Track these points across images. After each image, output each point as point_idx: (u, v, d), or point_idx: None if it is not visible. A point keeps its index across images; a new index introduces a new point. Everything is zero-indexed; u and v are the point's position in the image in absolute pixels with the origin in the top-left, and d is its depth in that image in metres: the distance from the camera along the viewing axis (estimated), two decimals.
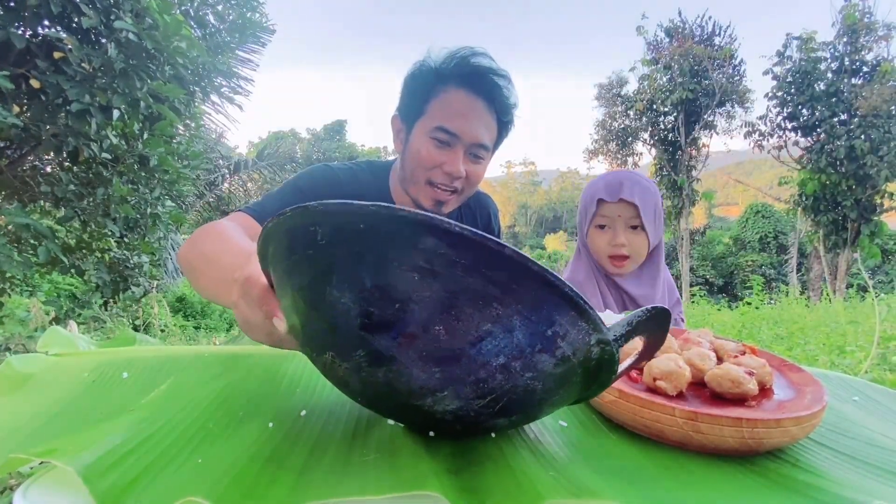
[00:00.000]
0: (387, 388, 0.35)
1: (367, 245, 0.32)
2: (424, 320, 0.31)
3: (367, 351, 0.33)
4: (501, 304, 0.31)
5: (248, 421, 0.46)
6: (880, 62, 9.56)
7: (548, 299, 0.32)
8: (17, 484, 1.68)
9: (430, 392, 0.34)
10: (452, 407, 0.35)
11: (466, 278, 0.31)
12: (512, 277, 0.31)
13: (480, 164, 1.02)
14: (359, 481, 0.36)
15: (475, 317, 0.31)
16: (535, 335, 0.32)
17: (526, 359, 0.33)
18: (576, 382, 0.37)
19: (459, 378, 0.33)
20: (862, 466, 0.42)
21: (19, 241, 2.61)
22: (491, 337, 0.32)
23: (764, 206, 16.65)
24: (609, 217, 1.11)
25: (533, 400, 0.36)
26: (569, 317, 0.33)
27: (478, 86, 0.95)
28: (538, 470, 0.38)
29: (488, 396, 0.34)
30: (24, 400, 0.51)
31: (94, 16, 2.20)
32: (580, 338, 0.34)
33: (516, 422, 0.40)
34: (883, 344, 2.58)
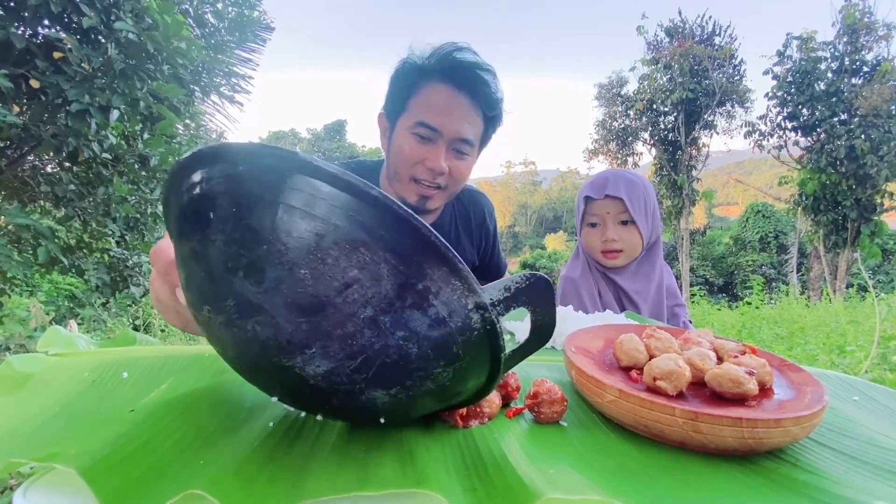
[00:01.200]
0: (257, 346, 0.33)
1: (244, 186, 0.31)
2: (290, 263, 0.30)
3: (236, 300, 0.32)
4: (369, 249, 0.30)
5: (249, 421, 0.46)
6: (880, 62, 9.56)
7: (417, 249, 0.31)
8: (17, 484, 1.68)
9: (298, 349, 0.32)
10: (323, 369, 0.32)
11: (333, 220, 0.30)
12: (380, 223, 0.30)
13: (464, 159, 1.00)
14: (357, 478, 0.36)
15: (341, 261, 0.30)
16: (404, 287, 0.31)
17: (396, 313, 0.31)
18: (460, 357, 0.35)
19: (326, 331, 0.31)
20: (862, 466, 0.42)
21: (19, 241, 2.61)
22: (358, 285, 0.30)
23: (764, 205, 16.65)
24: (598, 214, 1.13)
25: (409, 368, 0.33)
26: (440, 271, 0.32)
27: (460, 80, 0.94)
28: (538, 469, 0.38)
29: (359, 357, 0.32)
30: (25, 400, 0.51)
31: (94, 16, 2.20)
32: (455, 298, 0.32)
33: (399, 399, 0.36)
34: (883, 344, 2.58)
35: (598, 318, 0.84)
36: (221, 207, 0.32)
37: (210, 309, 0.34)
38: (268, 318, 0.31)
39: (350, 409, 0.37)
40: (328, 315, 0.31)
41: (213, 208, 0.32)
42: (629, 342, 0.56)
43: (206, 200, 0.33)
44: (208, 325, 0.35)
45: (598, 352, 0.61)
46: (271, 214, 0.30)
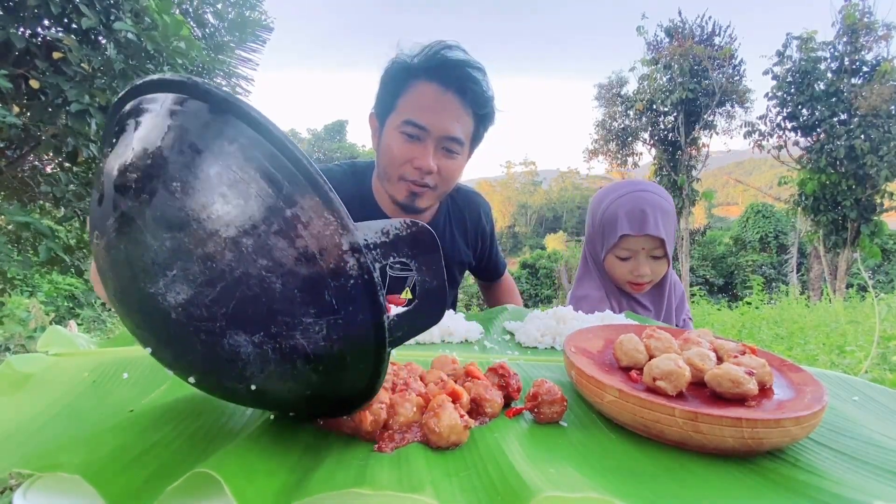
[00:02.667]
0: (128, 271, 0.32)
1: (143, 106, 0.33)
2: (164, 177, 0.30)
3: (116, 216, 0.32)
4: (241, 169, 0.30)
5: (250, 423, 0.46)
6: (880, 62, 9.55)
7: (289, 174, 0.30)
8: (17, 484, 1.68)
9: (161, 269, 0.30)
10: (183, 297, 0.31)
11: (207, 136, 0.30)
12: (254, 143, 0.30)
13: (454, 158, 0.99)
14: (356, 476, 0.36)
15: (210, 177, 0.30)
16: (272, 210, 0.30)
17: (259, 238, 0.30)
18: (334, 309, 0.32)
19: (188, 250, 0.30)
20: (862, 466, 0.42)
21: (19, 240, 2.61)
22: (224, 201, 0.30)
23: (764, 205, 16.65)
24: (632, 249, 1.03)
25: (273, 308, 0.31)
26: (312, 201, 0.30)
27: (448, 78, 0.93)
28: (538, 469, 0.38)
29: (218, 283, 0.30)
30: (25, 400, 0.51)
31: (94, 16, 2.20)
32: (327, 234, 0.31)
33: (268, 357, 0.33)
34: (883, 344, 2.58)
35: (597, 318, 0.84)
36: (129, 128, 0.33)
37: (98, 234, 0.34)
38: (138, 233, 0.31)
39: (216, 363, 0.33)
40: (191, 232, 0.30)
41: (123, 129, 0.33)
42: (629, 342, 0.56)
43: (121, 119, 0.34)
44: (96, 256, 0.35)
45: (598, 352, 0.61)
46: (156, 130, 0.31)
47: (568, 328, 0.78)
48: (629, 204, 1.02)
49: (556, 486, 0.34)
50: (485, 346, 0.77)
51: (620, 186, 1.09)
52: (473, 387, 0.51)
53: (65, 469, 0.35)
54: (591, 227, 1.12)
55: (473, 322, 0.83)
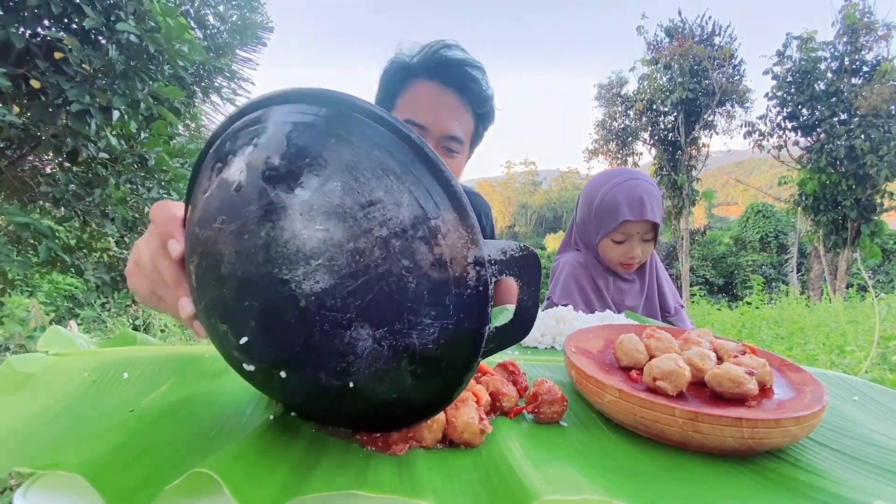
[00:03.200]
0: (262, 255, 0.33)
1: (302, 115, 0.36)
2: (326, 175, 0.33)
3: (261, 204, 0.34)
4: (398, 179, 0.34)
5: (251, 424, 0.46)
6: (880, 62, 9.55)
7: (437, 190, 0.35)
8: (17, 484, 1.68)
9: (305, 259, 0.33)
10: (321, 286, 0.33)
11: (374, 151, 0.34)
12: (415, 162, 0.35)
13: (455, 157, 0.99)
14: (356, 477, 0.36)
15: (371, 182, 0.33)
16: (419, 220, 0.34)
17: (406, 240, 0.33)
18: (449, 314, 0.35)
19: (339, 243, 0.32)
20: (862, 466, 0.42)
21: (19, 240, 2.61)
22: (381, 205, 0.33)
23: (764, 205, 16.64)
24: (627, 233, 1.11)
25: (402, 307, 0.33)
26: (452, 216, 0.35)
27: (447, 77, 0.93)
28: (537, 470, 0.38)
29: (361, 277, 0.32)
30: (25, 400, 0.51)
31: (95, 17, 2.20)
32: (459, 246, 0.35)
33: (379, 354, 0.35)
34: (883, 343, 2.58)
35: (597, 318, 0.84)
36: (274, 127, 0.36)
37: (225, 219, 0.35)
38: (288, 223, 0.33)
39: (326, 356, 0.34)
40: (347, 226, 0.33)
41: (265, 129, 0.36)
42: (629, 342, 0.56)
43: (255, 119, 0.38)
44: (208, 241, 0.36)
45: (598, 352, 0.61)
46: (321, 136, 0.35)
47: (568, 328, 0.78)
48: (628, 192, 1.09)
49: (555, 489, 0.34)
50: None
51: (614, 175, 1.15)
52: (490, 381, 0.51)
53: (65, 469, 0.35)
54: (587, 214, 1.17)
55: None
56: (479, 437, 0.43)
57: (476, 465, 0.40)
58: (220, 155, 0.38)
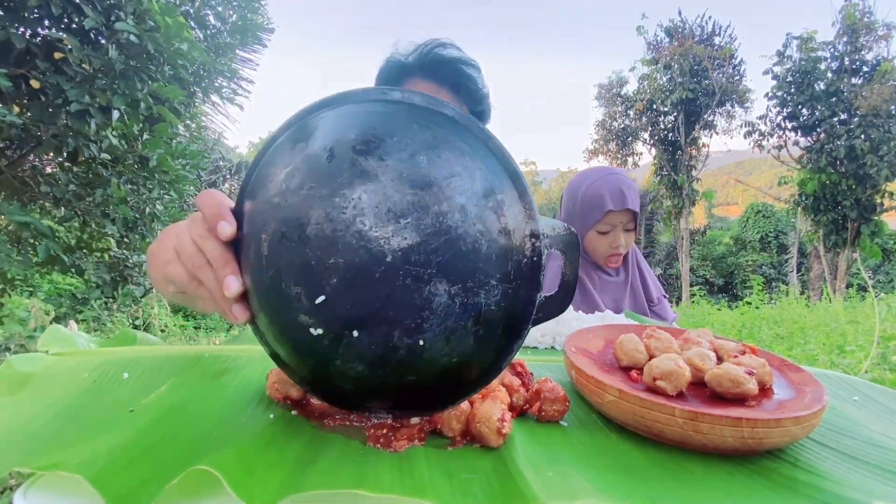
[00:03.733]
0: (351, 216, 0.37)
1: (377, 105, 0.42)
2: (412, 151, 0.39)
3: (353, 171, 0.38)
4: (472, 158, 0.40)
5: (251, 424, 0.46)
6: (880, 62, 9.55)
7: (503, 170, 0.41)
8: (17, 484, 1.68)
9: (395, 218, 0.37)
10: (408, 242, 0.37)
11: (450, 134, 0.41)
12: (483, 148, 0.41)
13: None
14: (355, 476, 0.36)
15: (451, 159, 0.39)
16: (488, 192, 0.39)
17: (479, 208, 0.39)
18: (510, 279, 0.40)
19: (425, 206, 0.37)
20: (862, 466, 0.42)
21: (19, 240, 2.61)
22: (458, 177, 0.39)
23: (764, 205, 16.64)
24: (611, 223, 1.18)
25: (476, 266, 0.38)
26: (514, 192, 0.41)
27: (442, 76, 0.93)
28: (537, 472, 0.38)
29: (443, 236, 0.37)
30: (25, 400, 0.51)
31: (95, 17, 2.20)
32: (520, 218, 0.40)
33: (452, 310, 0.38)
34: (883, 343, 2.58)
35: (597, 318, 0.84)
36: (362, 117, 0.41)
37: (313, 185, 0.39)
38: (380, 187, 0.37)
39: (405, 310, 0.38)
40: (432, 192, 0.38)
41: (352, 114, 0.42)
42: (629, 342, 0.56)
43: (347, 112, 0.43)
44: (293, 207, 0.39)
45: (598, 352, 0.61)
46: (403, 123, 0.40)
47: (568, 328, 0.78)
48: (609, 185, 1.18)
49: (553, 493, 0.34)
50: None
51: (594, 172, 1.24)
52: (505, 375, 0.52)
53: (65, 469, 0.35)
54: (571, 208, 1.25)
55: None
56: (496, 437, 0.42)
57: (476, 465, 0.40)
58: (300, 136, 0.42)
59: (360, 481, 0.35)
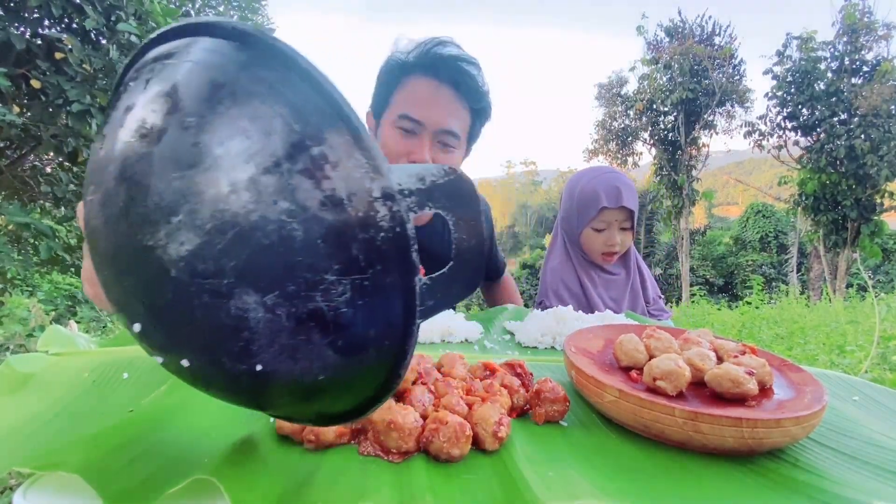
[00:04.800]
0: (124, 224, 0.28)
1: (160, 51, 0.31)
2: (179, 113, 0.27)
3: (120, 160, 0.29)
4: (264, 101, 0.27)
5: (250, 424, 0.46)
6: (880, 62, 9.55)
7: (318, 109, 0.28)
8: (17, 484, 1.68)
9: (164, 215, 0.27)
10: (187, 248, 0.27)
11: (229, 71, 0.28)
12: (286, 79, 0.28)
13: (451, 153, 0.99)
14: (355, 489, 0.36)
15: (232, 110, 0.27)
16: (297, 147, 0.27)
17: (282, 177, 0.27)
18: (360, 266, 0.28)
19: (198, 190, 0.27)
20: (862, 466, 0.42)
21: (19, 240, 2.61)
22: (243, 136, 0.27)
23: (764, 205, 16.64)
24: (607, 221, 1.19)
25: (293, 261, 0.27)
26: (342, 139, 0.28)
27: (442, 73, 0.94)
28: (537, 471, 0.38)
29: (230, 230, 0.26)
30: (25, 400, 0.51)
31: (96, 17, 2.20)
32: (357, 177, 0.28)
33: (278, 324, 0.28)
34: (883, 343, 2.58)
35: (597, 318, 0.84)
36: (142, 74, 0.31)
37: (94, 187, 0.30)
38: (143, 174, 0.28)
39: (217, 334, 0.28)
40: (204, 169, 0.27)
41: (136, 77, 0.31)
42: (629, 342, 0.56)
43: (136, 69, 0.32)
44: (90, 219, 0.31)
45: (598, 352, 0.61)
46: (174, 70, 0.29)
47: (568, 328, 0.78)
48: (605, 183, 1.18)
49: (553, 494, 0.34)
50: (485, 346, 0.77)
51: (591, 171, 1.25)
52: (505, 377, 0.52)
53: (65, 469, 0.35)
54: (569, 206, 1.26)
55: (473, 322, 0.83)
56: (492, 441, 0.42)
57: (477, 465, 0.40)
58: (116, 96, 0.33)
59: (359, 495, 0.35)
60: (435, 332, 0.77)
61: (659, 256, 15.20)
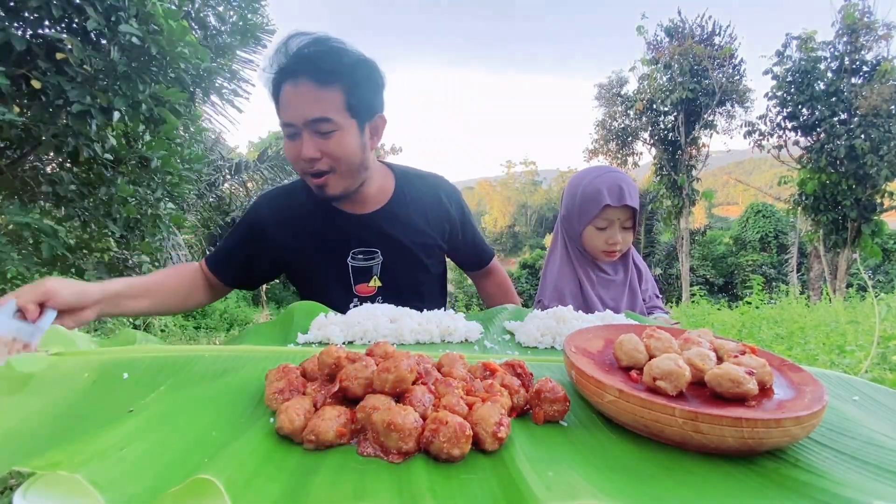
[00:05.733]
0: None
1: None
2: None
3: None
4: None
5: (250, 424, 0.46)
6: (880, 61, 9.55)
7: None
8: (16, 484, 1.68)
9: None
10: None
11: None
12: None
13: (332, 136, 1.01)
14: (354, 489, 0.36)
15: None
16: None
17: None
18: None
19: None
20: (862, 466, 0.42)
21: (19, 240, 2.61)
22: None
23: (764, 205, 16.64)
24: (609, 219, 1.19)
25: None
26: None
27: (296, 70, 0.99)
28: (537, 472, 0.38)
29: None
30: (25, 400, 0.51)
31: (97, 18, 2.20)
32: None
33: None
34: (883, 343, 2.58)
35: (598, 318, 0.84)
36: None
37: None
38: None
39: None
40: None
41: None
42: (629, 342, 0.56)
43: None
44: None
45: (598, 352, 0.61)
46: None
47: (568, 328, 0.78)
48: (608, 181, 1.18)
49: (553, 493, 0.34)
50: (485, 346, 0.77)
51: (594, 170, 1.25)
52: (505, 377, 0.52)
53: (65, 469, 0.35)
54: (570, 205, 1.26)
55: (473, 322, 0.83)
56: (492, 441, 0.42)
57: (477, 465, 0.40)
58: None
59: (361, 490, 0.35)
60: (435, 333, 0.77)
61: (659, 256, 15.19)
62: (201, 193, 8.91)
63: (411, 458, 0.41)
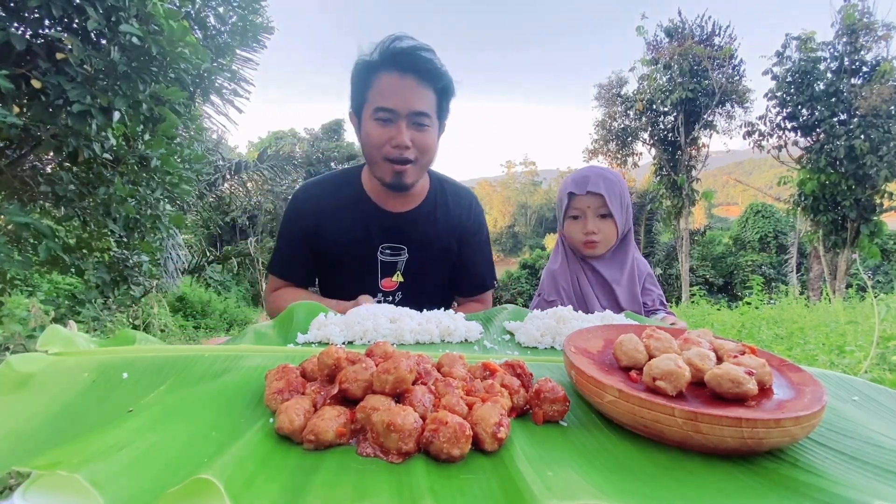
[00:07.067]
0: None
1: None
2: None
3: None
4: None
5: (249, 424, 0.46)
6: (880, 62, 9.55)
7: None
8: (16, 484, 1.68)
9: None
10: None
11: None
12: None
13: (425, 130, 1.11)
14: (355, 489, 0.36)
15: None
16: None
17: None
18: None
19: None
20: (862, 466, 0.42)
21: (19, 240, 2.61)
22: None
23: (764, 205, 16.64)
24: (580, 208, 1.22)
25: None
26: None
27: (403, 64, 1.06)
28: (537, 471, 0.38)
29: None
30: (25, 400, 0.51)
31: (98, 18, 2.20)
32: None
33: None
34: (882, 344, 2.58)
35: (598, 318, 0.84)
36: None
37: None
38: None
39: None
40: None
41: None
42: (629, 342, 0.56)
43: None
44: None
45: (598, 352, 0.61)
46: None
47: (568, 328, 0.78)
48: (578, 174, 1.25)
49: (553, 494, 0.34)
50: (485, 346, 0.77)
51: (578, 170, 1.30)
52: (505, 377, 0.52)
53: (65, 469, 0.35)
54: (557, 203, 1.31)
55: (473, 322, 0.83)
56: (492, 441, 0.42)
57: (477, 465, 0.40)
58: None
59: (361, 490, 0.35)
60: (435, 333, 0.77)
61: (659, 256, 15.19)
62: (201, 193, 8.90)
63: (411, 458, 0.41)
